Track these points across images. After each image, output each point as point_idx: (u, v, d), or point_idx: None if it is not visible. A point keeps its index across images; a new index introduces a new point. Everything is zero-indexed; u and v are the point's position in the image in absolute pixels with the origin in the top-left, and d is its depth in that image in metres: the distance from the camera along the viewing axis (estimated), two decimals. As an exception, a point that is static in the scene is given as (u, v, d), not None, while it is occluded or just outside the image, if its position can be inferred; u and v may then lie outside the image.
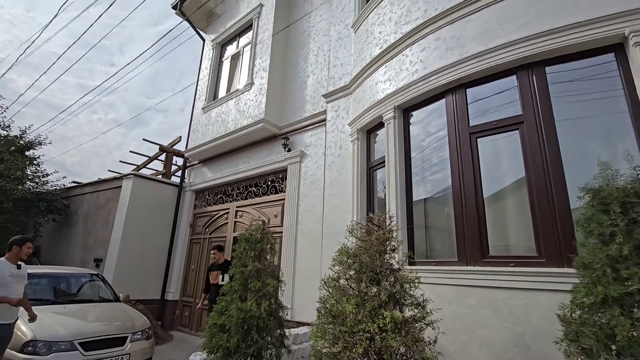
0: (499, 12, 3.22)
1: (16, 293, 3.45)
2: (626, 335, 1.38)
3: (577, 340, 1.52)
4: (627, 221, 1.53)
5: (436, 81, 3.55)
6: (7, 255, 3.49)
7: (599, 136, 2.82)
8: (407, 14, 4.08)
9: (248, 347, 2.71)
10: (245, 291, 3.07)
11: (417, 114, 3.98)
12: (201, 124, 8.12)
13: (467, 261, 3.00)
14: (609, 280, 1.48)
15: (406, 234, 3.59)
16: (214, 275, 5.42)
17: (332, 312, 2.27)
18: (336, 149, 5.05)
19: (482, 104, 3.34)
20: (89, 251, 8.39)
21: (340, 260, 2.49)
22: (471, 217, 3.07)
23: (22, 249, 3.54)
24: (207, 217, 7.98)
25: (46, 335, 3.54)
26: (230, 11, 8.54)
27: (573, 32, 2.79)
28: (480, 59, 3.23)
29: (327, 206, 4.94)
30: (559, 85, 2.96)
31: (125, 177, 8.05)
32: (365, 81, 4.62)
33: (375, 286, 2.33)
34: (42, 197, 8.73)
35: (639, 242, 1.49)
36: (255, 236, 3.27)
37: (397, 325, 2.14)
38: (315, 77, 6.35)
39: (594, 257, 1.59)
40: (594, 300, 1.53)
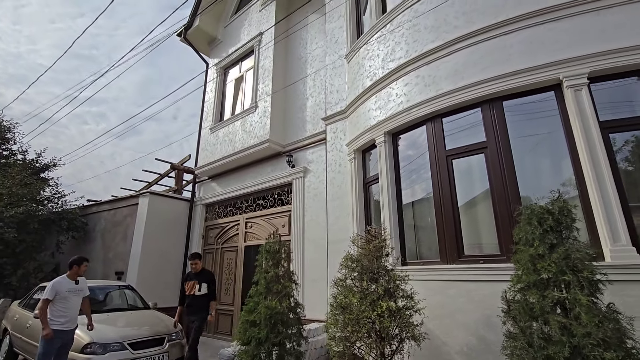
0: (464, 58, 3.97)
1: (74, 304, 4.15)
2: (539, 307, 2.10)
3: (509, 312, 2.24)
4: (542, 231, 2.26)
5: (417, 112, 4.28)
6: (68, 273, 4.21)
7: (544, 156, 3.57)
8: (391, 52, 4.82)
9: (275, 337, 3.40)
10: (269, 293, 3.77)
11: (405, 137, 4.71)
12: (209, 143, 8.82)
13: (447, 260, 3.72)
14: (529, 272, 2.20)
15: (399, 240, 4.31)
16: (189, 285, 5.04)
17: (342, 304, 2.98)
18: (336, 166, 5.77)
19: (457, 130, 4.08)
20: (110, 265, 9.03)
21: (346, 264, 3.21)
22: (449, 224, 3.79)
23: (80, 267, 4.25)
24: (218, 229, 8.66)
25: (101, 338, 4.21)
26: (231, 38, 9.27)
27: (519, 76, 3.54)
28: (452, 96, 3.98)
29: (331, 217, 5.64)
30: (514, 116, 3.70)
31: (141, 195, 8.73)
32: (359, 108, 5.35)
33: (374, 283, 3.04)
34: (62, 216, 9.36)
35: (549, 245, 2.21)
36: (274, 247, 3.96)
37: (392, 312, 2.86)
38: (314, 99, 7.09)
39: (522, 256, 2.31)
40: (522, 286, 2.25)
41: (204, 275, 5.19)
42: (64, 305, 4.04)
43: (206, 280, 5.10)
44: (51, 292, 4.00)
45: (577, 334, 1.90)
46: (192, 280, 5.05)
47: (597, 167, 3.08)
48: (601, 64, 3.28)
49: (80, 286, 4.26)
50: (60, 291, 4.05)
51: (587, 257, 2.08)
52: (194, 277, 5.09)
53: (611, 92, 3.38)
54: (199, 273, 5.15)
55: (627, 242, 2.85)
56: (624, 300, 2.73)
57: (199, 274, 5.15)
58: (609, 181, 3.01)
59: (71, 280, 4.18)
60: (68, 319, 4.05)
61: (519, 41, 3.69)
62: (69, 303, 4.08)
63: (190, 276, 5.18)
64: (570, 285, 2.02)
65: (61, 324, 3.99)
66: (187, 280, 5.12)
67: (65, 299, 4.06)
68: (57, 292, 4.02)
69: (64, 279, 4.17)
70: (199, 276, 5.10)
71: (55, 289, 4.03)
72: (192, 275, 5.16)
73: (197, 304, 4.99)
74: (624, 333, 1.99)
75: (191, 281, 5.05)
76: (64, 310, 4.03)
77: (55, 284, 4.08)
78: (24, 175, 9.25)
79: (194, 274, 5.15)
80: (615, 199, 2.96)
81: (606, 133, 3.23)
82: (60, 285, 4.09)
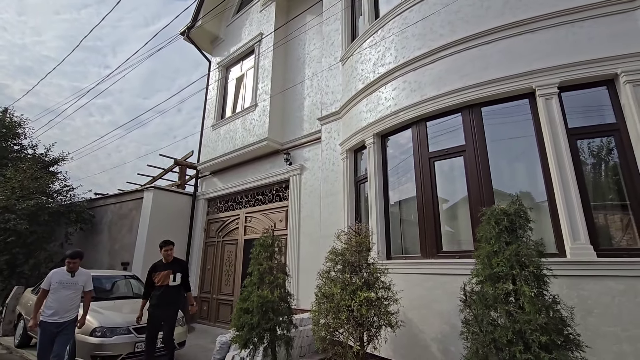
0: (447, 65, 4.21)
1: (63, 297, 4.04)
2: (492, 297, 2.38)
3: (466, 301, 2.53)
4: (498, 230, 2.53)
5: (404, 115, 4.54)
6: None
7: (518, 159, 3.82)
8: (382, 57, 5.06)
9: (266, 323, 3.73)
10: (262, 283, 4.08)
11: (393, 139, 4.97)
12: (211, 140, 9.13)
13: (426, 255, 4.01)
14: (486, 266, 2.48)
15: (384, 237, 4.60)
16: (161, 275, 4.53)
17: (325, 294, 3.29)
18: (330, 165, 6.05)
19: (439, 134, 4.34)
20: (115, 256, 9.45)
21: (330, 258, 3.51)
22: (429, 222, 4.07)
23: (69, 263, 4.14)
24: (219, 223, 9.02)
25: (108, 323, 4.58)
26: (233, 37, 9.52)
27: (496, 84, 3.78)
28: (435, 101, 4.22)
29: (324, 212, 5.94)
30: (492, 121, 3.95)
31: (146, 189, 9.09)
32: (352, 109, 5.61)
33: (355, 276, 3.34)
34: (71, 209, 9.77)
35: (504, 242, 2.48)
36: (267, 241, 4.28)
37: (370, 302, 3.16)
38: (311, 99, 7.35)
39: (481, 252, 2.59)
40: (480, 279, 2.54)
41: (178, 264, 4.77)
42: (52, 297, 4.01)
43: (181, 270, 4.73)
44: (46, 282, 4.07)
45: (519, 321, 2.18)
46: (165, 270, 4.56)
47: (562, 171, 3.33)
48: (572, 74, 3.50)
49: (75, 280, 4.16)
50: (52, 282, 4.05)
51: (535, 255, 2.35)
52: (167, 267, 4.61)
53: (582, 100, 3.60)
54: (172, 262, 4.69)
55: (586, 240, 3.11)
56: (579, 293, 3.03)
57: (172, 263, 4.69)
58: (572, 184, 3.26)
59: (67, 273, 4.14)
60: (54, 311, 3.97)
61: (498, 51, 3.91)
62: (57, 295, 4.02)
63: (160, 266, 4.66)
64: (517, 279, 2.30)
65: (48, 315, 3.96)
66: (157, 271, 4.60)
67: (54, 291, 4.02)
68: (51, 283, 4.03)
69: (62, 270, 4.16)
70: (172, 265, 4.65)
71: (49, 280, 4.06)
72: (162, 264, 4.66)
73: (171, 296, 4.56)
74: (563, 321, 2.27)
75: (164, 271, 4.55)
76: (51, 301, 3.99)
77: (49, 274, 4.11)
78: (34, 169, 9.64)
79: (166, 263, 4.66)
80: (577, 201, 3.22)
81: (574, 139, 3.47)
82: (54, 276, 4.08)
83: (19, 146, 11.68)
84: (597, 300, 2.95)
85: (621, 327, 2.84)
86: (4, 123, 11.70)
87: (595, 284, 2.99)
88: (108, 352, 4.43)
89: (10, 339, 6.46)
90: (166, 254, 4.68)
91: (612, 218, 3.29)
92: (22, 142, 11.77)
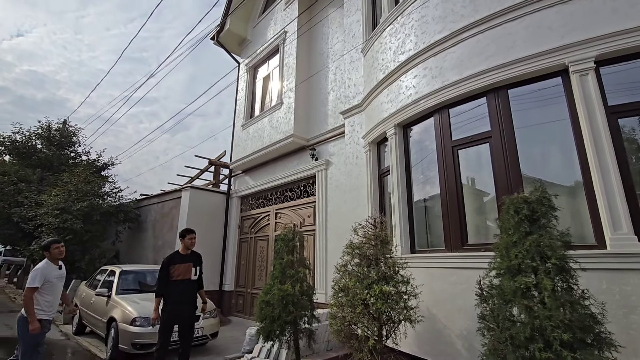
0: (468, 48, 3.96)
1: (59, 290, 3.87)
2: (510, 291, 2.21)
3: (482, 295, 2.37)
4: (517, 219, 2.34)
5: (425, 104, 4.35)
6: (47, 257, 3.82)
7: (551, 144, 3.50)
8: (401, 45, 4.88)
9: (287, 315, 3.78)
10: (284, 277, 4.14)
11: (415, 129, 4.79)
12: (241, 139, 9.41)
13: (451, 248, 3.82)
14: (504, 258, 2.31)
15: (408, 230, 4.46)
16: (181, 269, 4.06)
17: (341, 287, 3.26)
18: (353, 159, 5.97)
19: (462, 121, 4.10)
20: (159, 252, 10.08)
21: (347, 251, 3.47)
22: (453, 213, 3.87)
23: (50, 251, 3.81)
24: (251, 219, 9.28)
25: (146, 313, 4.89)
26: (259, 37, 9.71)
27: (524, 63, 3.49)
28: (457, 86, 3.99)
29: (349, 207, 5.88)
30: (519, 104, 3.66)
31: (183, 189, 9.59)
32: (374, 101, 5.48)
33: (371, 269, 3.27)
34: (119, 209, 10.59)
35: (523, 233, 2.29)
36: (288, 236, 4.32)
37: (386, 296, 3.08)
38: (335, 93, 7.29)
39: (499, 243, 2.41)
40: (498, 272, 2.37)
41: (197, 257, 4.35)
42: (49, 292, 3.71)
43: (200, 263, 4.36)
44: (40, 279, 3.62)
45: (540, 317, 2.01)
46: (185, 263, 4.10)
47: (600, 154, 3.00)
48: (612, 46, 3.13)
49: (63, 272, 3.98)
50: (49, 278, 3.71)
51: (558, 245, 2.15)
52: (187, 259, 4.14)
53: (627, 75, 3.21)
54: (190, 255, 4.24)
55: (629, 230, 2.78)
56: (621, 288, 2.73)
57: (191, 255, 4.23)
58: (612, 168, 2.93)
59: (55, 266, 3.84)
60: (55, 308, 3.84)
61: (525, 27, 3.61)
62: (55, 289, 3.79)
63: (178, 258, 4.17)
64: (538, 271, 2.11)
65: (48, 313, 3.72)
66: (175, 263, 4.09)
67: (53, 286, 3.76)
68: (46, 279, 3.67)
69: (48, 264, 3.79)
70: (192, 258, 4.20)
71: (44, 276, 3.66)
72: (181, 256, 4.17)
73: (191, 292, 4.15)
74: (593, 318, 2.06)
75: (184, 263, 4.08)
76: (51, 298, 3.74)
77: (42, 270, 3.68)
78: (87, 173, 10.56)
79: (183, 255, 4.19)
80: (618, 186, 2.88)
81: (615, 118, 3.11)
82: (48, 271, 3.73)
83: (74, 153, 12.87)
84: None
85: (673, 327, 2.51)
86: (63, 133, 12.95)
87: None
88: (146, 341, 4.74)
89: (69, 327, 7.16)
90: (191, 242, 4.26)
91: (661, 205, 2.91)
92: (77, 149, 12.94)
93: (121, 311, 5.13)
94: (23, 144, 12.19)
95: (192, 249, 4.41)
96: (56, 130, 12.90)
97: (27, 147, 12.19)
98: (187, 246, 4.34)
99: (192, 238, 4.34)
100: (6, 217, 10.84)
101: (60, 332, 7.07)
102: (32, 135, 12.46)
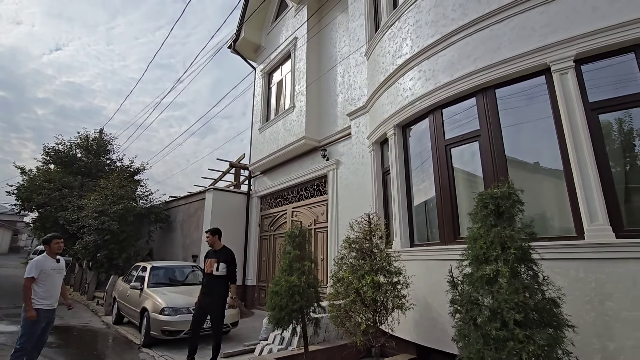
0: (458, 50, 4.15)
1: (57, 282, 4.16)
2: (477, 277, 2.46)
3: (453, 281, 2.63)
4: (485, 213, 2.57)
5: (420, 105, 4.57)
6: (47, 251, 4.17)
7: (535, 141, 3.65)
8: (399, 49, 5.12)
9: (293, 304, 4.16)
10: (291, 270, 4.53)
11: (414, 128, 5.02)
12: (259, 142, 9.91)
13: (445, 241, 4.05)
14: (472, 248, 2.55)
15: (407, 224, 4.71)
16: (208, 263, 4.78)
17: (338, 278, 3.60)
18: (360, 158, 6.26)
19: (456, 120, 4.30)
20: (187, 249, 10.84)
21: (344, 246, 3.80)
22: (447, 208, 4.10)
23: (50, 245, 4.15)
24: (270, 218, 9.78)
25: (173, 304, 5.48)
26: (272, 44, 10.15)
27: (509, 64, 3.65)
28: (448, 87, 4.20)
29: (358, 204, 6.18)
30: (507, 103, 3.82)
31: (207, 191, 10.25)
32: (376, 103, 5.75)
33: (364, 261, 3.59)
34: (151, 210, 11.44)
35: (489, 225, 2.53)
36: (295, 232, 4.70)
37: (376, 285, 3.39)
38: (343, 95, 7.59)
39: (470, 235, 2.65)
40: (468, 261, 2.62)
41: (222, 253, 4.89)
42: (49, 284, 4.04)
43: (224, 260, 4.84)
44: (35, 269, 3.94)
45: (498, 299, 2.26)
46: (211, 258, 4.81)
47: (578, 150, 3.14)
48: (591, 44, 3.25)
49: (61, 265, 4.27)
50: (45, 269, 4.02)
51: (518, 237, 2.37)
52: (213, 255, 4.83)
53: (609, 71, 3.32)
54: (219, 251, 4.86)
55: (605, 221, 2.93)
56: (597, 277, 2.89)
57: (219, 252, 4.85)
58: (590, 163, 3.07)
59: (52, 259, 4.17)
60: (54, 299, 4.11)
61: (511, 28, 3.76)
62: (53, 281, 4.10)
63: (210, 253, 4.91)
64: (499, 260, 2.36)
65: (48, 304, 4.01)
66: (207, 258, 4.86)
67: (50, 277, 4.07)
68: (42, 270, 3.98)
69: (46, 257, 4.12)
70: (217, 254, 4.81)
71: (40, 267, 3.97)
72: (211, 252, 4.90)
73: (214, 285, 4.76)
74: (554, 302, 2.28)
75: (210, 259, 4.81)
76: (49, 289, 4.03)
77: (38, 262, 4.01)
78: (121, 178, 11.49)
79: (214, 251, 4.89)
80: (595, 181, 3.02)
81: (595, 114, 3.23)
82: (44, 263, 4.05)
83: (109, 160, 13.96)
84: (617, 285, 2.78)
85: (644, 313, 2.65)
86: (99, 142, 14.09)
87: (615, 267, 2.82)
88: (173, 328, 5.32)
89: (109, 318, 7.96)
90: (207, 241, 5.00)
91: (635, 197, 3.02)
92: (112, 157, 14.03)
93: (152, 302, 5.74)
94: (65, 153, 13.42)
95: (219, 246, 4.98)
96: (93, 139, 14.07)
97: (69, 157, 13.41)
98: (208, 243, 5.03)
99: (207, 236, 5.04)
100: (53, 220, 12.03)
101: (102, 322, 7.89)
102: (73, 145, 13.69)
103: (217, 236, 5.03)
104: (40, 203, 11.90)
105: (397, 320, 3.61)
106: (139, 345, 5.80)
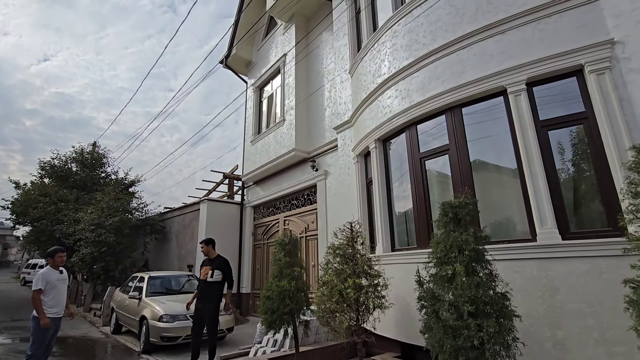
0: (429, 73, 4.61)
1: (63, 292, 4.49)
2: (439, 277, 2.86)
3: (420, 280, 3.02)
4: (446, 220, 2.98)
5: (397, 121, 5.01)
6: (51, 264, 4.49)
7: (497, 154, 4.09)
8: (379, 69, 5.57)
9: (284, 307, 4.51)
10: (282, 275, 4.88)
11: (393, 142, 5.45)
12: (251, 153, 10.28)
13: (421, 246, 4.45)
14: (435, 252, 2.95)
15: (388, 231, 5.11)
16: (203, 270, 5.14)
17: (323, 281, 3.97)
18: (346, 169, 6.67)
19: (428, 135, 4.74)
20: (183, 260, 11.09)
21: (329, 252, 4.18)
22: (422, 215, 4.51)
23: (54, 259, 4.48)
24: (264, 227, 10.11)
25: (171, 311, 5.77)
26: (263, 60, 10.60)
27: (472, 86, 4.11)
28: (421, 106, 4.64)
29: (344, 213, 6.56)
30: (473, 120, 4.27)
31: (201, 201, 10.56)
32: (359, 118, 6.18)
33: (348, 266, 3.96)
34: (146, 222, 11.69)
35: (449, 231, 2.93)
36: (285, 240, 5.07)
37: (358, 287, 3.76)
38: (330, 109, 8.03)
39: (434, 239, 3.05)
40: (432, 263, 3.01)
41: (217, 262, 5.25)
42: (55, 294, 4.36)
43: (219, 268, 5.20)
44: (42, 281, 4.25)
45: (455, 295, 2.65)
46: (206, 266, 5.17)
47: (530, 163, 3.58)
48: (540, 70, 3.72)
49: (64, 275, 4.58)
50: (51, 280, 4.34)
51: (473, 241, 2.78)
52: (208, 263, 5.20)
53: (556, 92, 3.78)
54: (214, 259, 5.22)
55: (553, 225, 3.36)
56: (547, 274, 3.31)
57: (213, 260, 5.22)
58: (540, 175, 3.51)
59: (56, 271, 4.49)
60: (60, 307, 4.44)
61: (473, 54, 4.23)
62: (59, 291, 4.41)
63: (206, 262, 5.28)
64: (456, 261, 2.76)
65: (55, 312, 4.32)
66: (203, 266, 5.23)
67: (56, 288, 4.38)
68: (48, 282, 4.30)
69: (50, 270, 4.45)
70: (212, 262, 5.18)
71: (45, 279, 4.28)
72: (207, 261, 5.27)
73: (208, 291, 5.10)
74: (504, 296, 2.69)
75: (206, 266, 5.17)
76: (53, 298, 4.32)
77: (44, 275, 4.32)
78: (116, 191, 11.74)
79: (209, 259, 5.26)
80: (545, 190, 3.46)
81: (545, 131, 3.69)
82: (49, 275, 4.38)
83: (104, 173, 14.19)
84: (564, 280, 3.20)
85: (586, 304, 3.07)
86: (94, 155, 14.32)
87: (562, 265, 3.24)
88: (172, 334, 5.61)
89: (107, 328, 8.18)
90: (201, 251, 5.42)
91: (580, 203, 3.46)
92: (107, 169, 14.27)
93: (150, 310, 6.02)
94: (60, 167, 13.64)
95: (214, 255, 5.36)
96: (87, 153, 14.31)
97: (64, 170, 13.63)
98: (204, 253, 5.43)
99: (201, 247, 5.45)
100: (49, 234, 12.20)
101: (101, 332, 8.10)
102: (68, 159, 13.91)
103: (211, 246, 5.43)
104: (36, 217, 12.08)
105: (377, 319, 3.98)
106: (139, 352, 6.05)
